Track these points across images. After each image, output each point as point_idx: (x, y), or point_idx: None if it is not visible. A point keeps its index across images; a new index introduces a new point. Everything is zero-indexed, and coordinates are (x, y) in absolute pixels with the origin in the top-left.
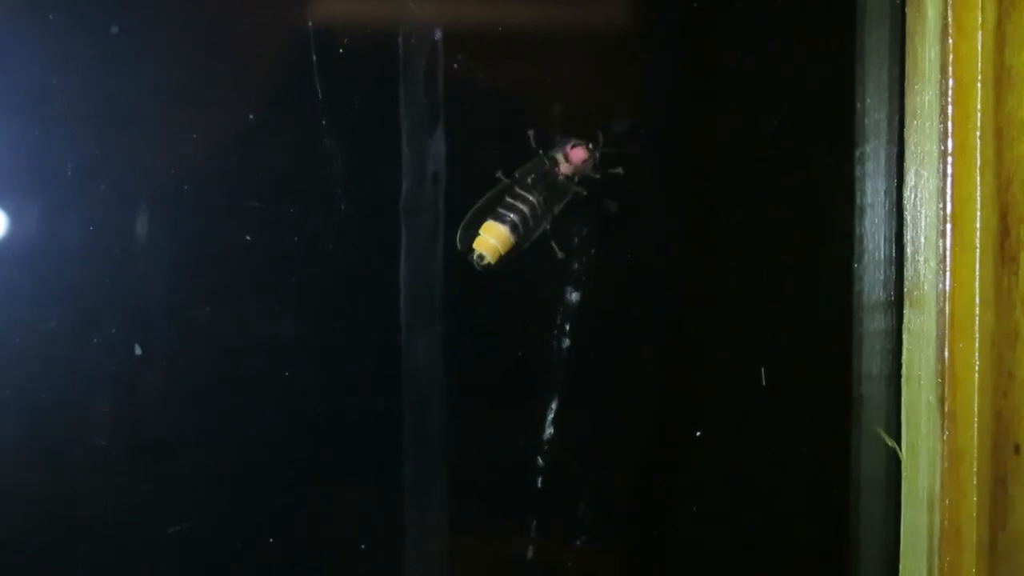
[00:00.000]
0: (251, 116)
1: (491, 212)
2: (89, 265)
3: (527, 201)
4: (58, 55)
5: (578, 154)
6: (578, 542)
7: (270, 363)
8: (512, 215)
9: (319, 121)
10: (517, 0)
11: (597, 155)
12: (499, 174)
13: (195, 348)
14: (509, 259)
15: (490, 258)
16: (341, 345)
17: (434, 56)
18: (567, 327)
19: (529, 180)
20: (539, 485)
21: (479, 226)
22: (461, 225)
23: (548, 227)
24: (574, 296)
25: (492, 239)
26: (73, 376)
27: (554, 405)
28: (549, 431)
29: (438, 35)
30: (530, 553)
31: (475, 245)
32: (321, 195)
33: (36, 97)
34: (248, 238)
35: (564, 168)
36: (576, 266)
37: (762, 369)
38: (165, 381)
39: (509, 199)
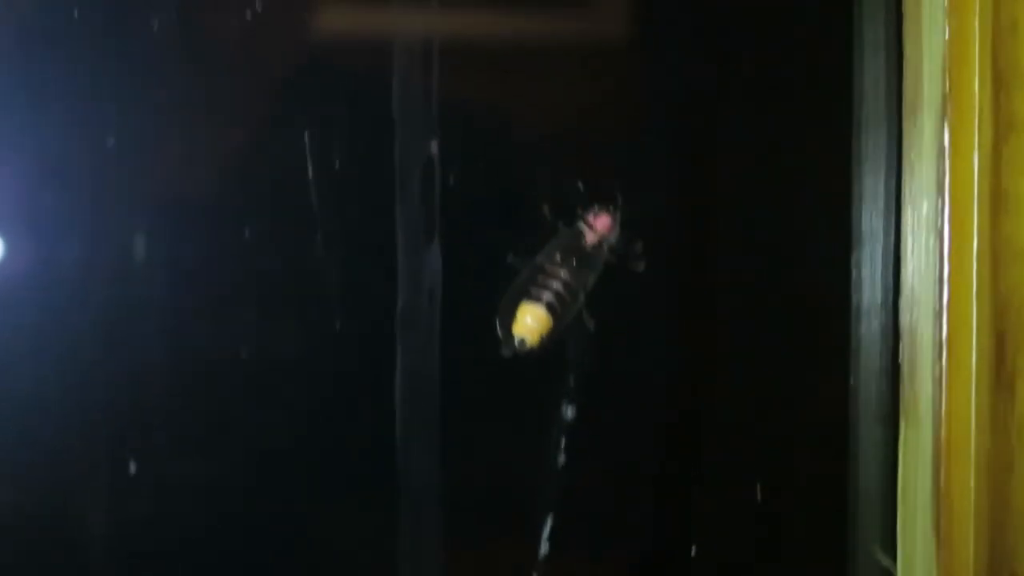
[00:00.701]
0: (245, 230)
1: (525, 295)
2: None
3: (559, 278)
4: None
5: (603, 222)
6: None
7: (262, 479)
8: (547, 294)
9: (314, 234)
10: (513, 112)
11: (619, 217)
12: (510, 259)
13: (184, 464)
14: (551, 340)
15: (531, 341)
16: (335, 461)
17: (430, 168)
18: (562, 443)
19: (558, 257)
20: None
21: (514, 311)
22: (497, 313)
23: (583, 301)
24: (569, 411)
25: (530, 321)
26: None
27: (549, 522)
28: (544, 549)
29: (434, 148)
30: None
31: (514, 331)
32: (315, 309)
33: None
34: (242, 354)
35: (590, 238)
36: (572, 381)
37: (758, 485)
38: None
39: (541, 278)
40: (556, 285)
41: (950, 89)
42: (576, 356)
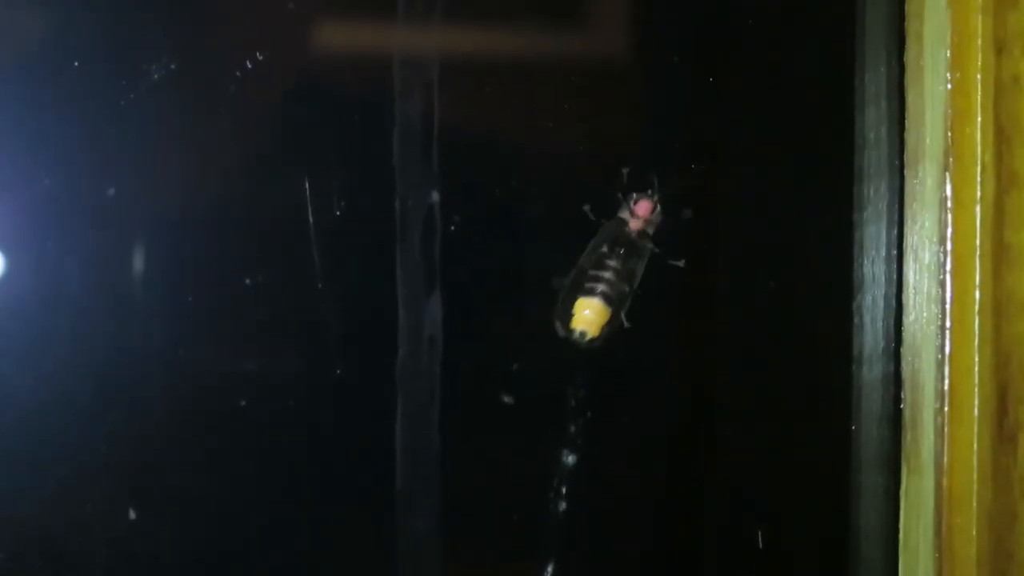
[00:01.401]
0: (247, 281)
1: (580, 291)
2: None
3: (609, 268)
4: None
5: (644, 207)
6: None
7: (261, 528)
8: (600, 286)
9: (315, 285)
10: (512, 162)
11: (657, 201)
12: (556, 282)
13: (181, 514)
14: (610, 331)
15: (592, 332)
16: (335, 511)
17: (431, 218)
18: (563, 490)
19: (605, 248)
20: None
21: (571, 309)
22: (556, 313)
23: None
24: (570, 459)
25: (589, 313)
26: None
27: (550, 569)
28: None
29: (435, 197)
30: None
31: (573, 324)
32: (316, 358)
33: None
34: (242, 403)
35: (634, 225)
36: (572, 429)
37: (760, 531)
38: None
39: (592, 272)
40: (608, 276)
41: (952, 142)
42: (577, 404)
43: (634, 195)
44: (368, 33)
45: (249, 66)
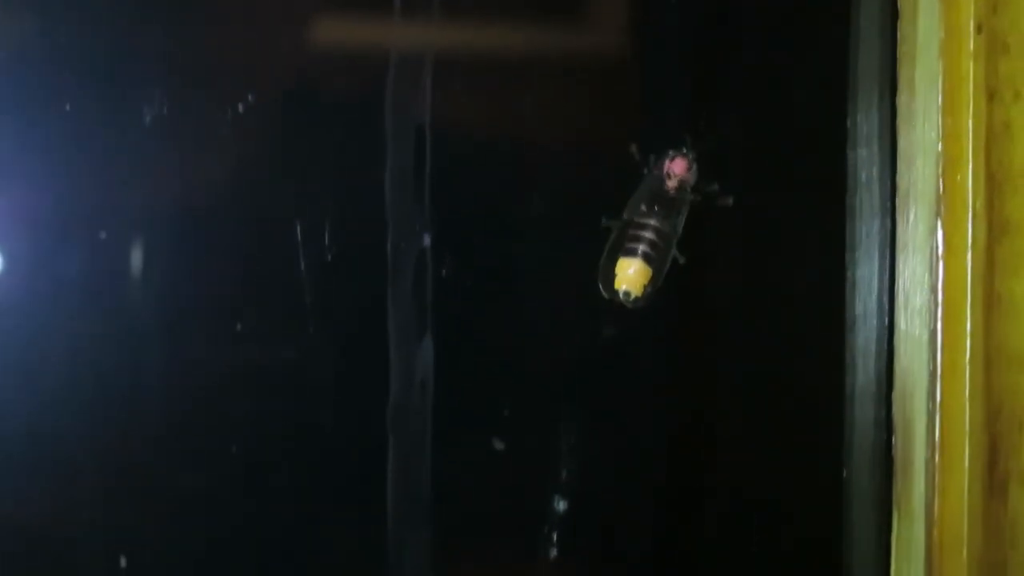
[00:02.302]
0: (237, 324)
1: (621, 251)
2: None
3: (649, 227)
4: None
5: (679, 164)
6: None
7: None
8: (641, 246)
9: (306, 327)
10: (504, 207)
11: (693, 158)
12: (605, 221)
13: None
14: (654, 288)
15: (636, 292)
16: (327, 557)
17: (422, 262)
18: (554, 536)
19: (643, 208)
20: None
21: (613, 269)
22: (599, 276)
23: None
24: (561, 505)
25: (632, 272)
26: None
27: None
28: None
29: (426, 240)
30: None
31: (616, 285)
32: (307, 402)
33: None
34: (233, 449)
35: (671, 183)
36: (564, 474)
37: None
38: None
39: (632, 232)
40: (648, 235)
41: (943, 188)
42: (568, 450)
43: (670, 152)
44: (359, 77)
45: (240, 109)
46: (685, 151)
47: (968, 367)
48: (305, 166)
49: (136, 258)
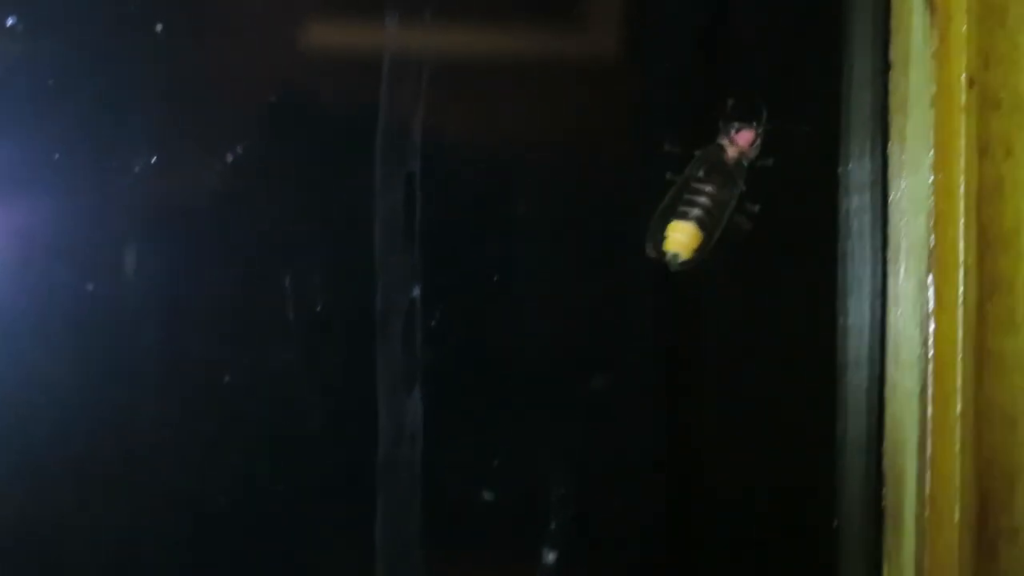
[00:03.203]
0: (225, 376)
1: (673, 213)
2: None
3: (704, 192)
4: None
5: (745, 137)
6: None
7: None
8: (695, 210)
9: (296, 379)
10: (494, 255)
11: (760, 133)
12: (669, 175)
13: None
14: (701, 255)
15: (684, 255)
16: None
17: (412, 313)
18: None
19: (701, 173)
20: None
21: (664, 230)
22: (648, 235)
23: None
24: (551, 556)
25: (680, 235)
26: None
27: None
28: None
29: (416, 291)
30: None
31: (666, 247)
32: (296, 455)
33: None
34: (221, 503)
35: (731, 152)
36: (553, 526)
37: None
38: None
39: (687, 196)
40: (703, 200)
41: (935, 244)
42: (558, 501)
43: (736, 124)
44: (347, 127)
45: (228, 159)
46: (755, 124)
47: (959, 422)
48: (292, 218)
49: (127, 306)
